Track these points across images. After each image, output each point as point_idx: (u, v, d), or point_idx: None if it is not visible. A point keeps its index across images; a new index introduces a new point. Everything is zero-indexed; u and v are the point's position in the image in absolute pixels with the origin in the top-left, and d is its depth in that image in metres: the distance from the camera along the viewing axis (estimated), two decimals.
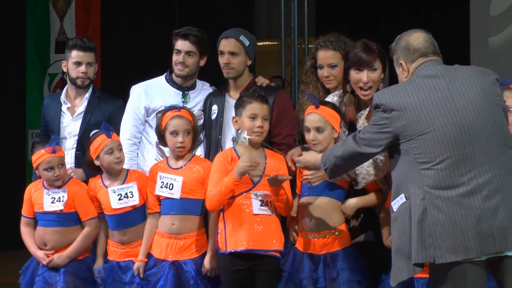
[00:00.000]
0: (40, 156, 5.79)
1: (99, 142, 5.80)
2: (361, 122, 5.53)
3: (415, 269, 4.63)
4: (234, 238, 5.50)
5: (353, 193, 5.54)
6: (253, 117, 5.58)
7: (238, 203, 5.53)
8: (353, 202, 5.48)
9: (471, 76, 4.68)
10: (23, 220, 5.98)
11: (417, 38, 4.81)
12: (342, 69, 5.81)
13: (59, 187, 5.85)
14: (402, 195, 4.69)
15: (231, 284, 5.58)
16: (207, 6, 12.31)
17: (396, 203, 4.73)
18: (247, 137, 5.50)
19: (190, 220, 5.73)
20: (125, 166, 6.01)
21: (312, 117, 5.51)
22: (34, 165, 5.81)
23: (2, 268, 10.71)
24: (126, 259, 5.81)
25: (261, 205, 5.50)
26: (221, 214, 5.61)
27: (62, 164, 5.85)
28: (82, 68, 6.46)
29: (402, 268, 4.69)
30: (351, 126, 5.65)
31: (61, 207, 5.81)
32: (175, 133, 5.74)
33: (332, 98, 5.77)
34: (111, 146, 5.80)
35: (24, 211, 5.98)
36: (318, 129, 5.48)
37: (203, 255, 5.71)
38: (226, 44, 6.20)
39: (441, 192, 4.55)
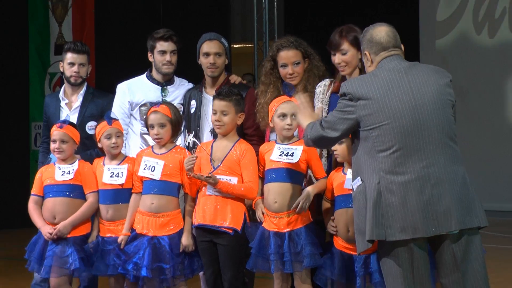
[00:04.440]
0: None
1: (100, 128, 5.84)
2: (321, 89, 5.75)
3: (368, 245, 4.63)
4: (197, 214, 5.60)
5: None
6: (214, 113, 5.61)
7: (202, 184, 5.58)
8: (309, 190, 5.43)
9: (429, 76, 4.66)
10: (32, 198, 5.89)
11: (379, 31, 4.77)
12: (303, 66, 5.90)
13: (71, 161, 5.85)
14: (359, 178, 4.68)
15: (202, 253, 5.64)
16: (188, 13, 12.30)
17: (355, 184, 4.73)
18: (193, 139, 5.82)
19: (167, 200, 5.69)
20: None
21: (289, 104, 5.47)
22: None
23: (10, 243, 10.67)
24: (108, 234, 5.78)
25: (214, 188, 5.50)
26: None
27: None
28: (75, 68, 6.49)
29: (359, 242, 4.71)
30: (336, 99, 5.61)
31: (71, 177, 5.77)
32: (151, 126, 5.75)
33: (323, 83, 5.79)
34: (109, 132, 5.80)
35: (34, 190, 5.90)
36: (293, 115, 5.43)
37: (180, 232, 5.67)
38: (211, 46, 6.16)
39: (395, 177, 4.54)
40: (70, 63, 6.50)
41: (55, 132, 5.85)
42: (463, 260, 4.60)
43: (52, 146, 5.86)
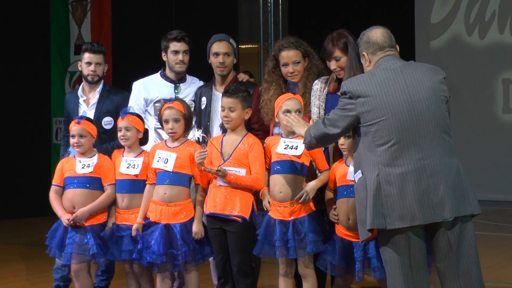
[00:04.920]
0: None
1: (117, 122, 5.90)
2: (318, 87, 5.80)
3: (368, 233, 4.66)
4: (208, 203, 5.61)
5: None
6: (222, 109, 5.63)
7: (213, 176, 5.59)
8: (313, 184, 5.44)
9: (424, 74, 4.67)
10: (52, 188, 5.90)
11: (375, 33, 4.80)
12: (303, 65, 5.91)
13: (91, 155, 5.88)
14: (360, 171, 4.70)
15: (212, 240, 5.66)
16: (199, 15, 12.29)
17: (356, 177, 4.76)
18: (202, 135, 5.78)
19: (179, 190, 5.70)
20: None
21: (293, 101, 5.48)
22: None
23: (33, 230, 10.68)
24: (123, 222, 5.80)
25: (223, 179, 5.52)
26: None
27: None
28: (92, 67, 6.51)
29: (360, 231, 4.74)
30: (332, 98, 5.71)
31: (91, 170, 5.79)
32: (166, 121, 5.75)
33: (319, 81, 5.80)
34: (120, 126, 5.85)
35: (55, 180, 5.91)
36: (298, 111, 5.46)
37: (191, 220, 5.68)
38: (220, 47, 6.17)
39: (393, 169, 4.56)
40: (87, 63, 6.53)
41: (74, 127, 5.86)
42: (457, 246, 4.62)
43: (72, 141, 5.86)
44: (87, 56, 6.53)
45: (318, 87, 5.78)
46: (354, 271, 5.25)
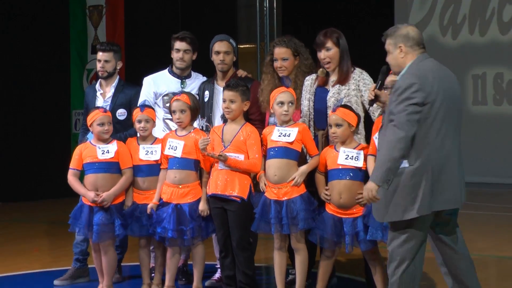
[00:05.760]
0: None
1: (134, 113, 5.91)
2: (309, 82, 5.74)
3: (399, 216, 4.45)
4: (210, 185, 5.61)
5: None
6: (224, 101, 5.64)
7: (215, 160, 5.58)
8: (304, 168, 5.44)
9: (453, 77, 4.61)
10: (71, 172, 5.87)
11: (412, 30, 4.65)
12: (292, 62, 5.90)
13: (108, 142, 5.85)
14: (406, 161, 4.43)
15: (214, 218, 5.67)
16: (203, 18, 12.27)
17: (402, 166, 4.45)
18: (206, 124, 5.79)
19: (187, 174, 5.72)
20: None
21: (286, 94, 5.49)
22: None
23: (54, 210, 10.69)
24: (143, 201, 5.83)
25: (224, 164, 5.52)
26: None
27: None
28: (101, 64, 6.49)
29: (386, 212, 4.50)
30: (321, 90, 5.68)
31: (112, 155, 5.78)
32: (174, 112, 5.78)
33: (310, 77, 5.78)
34: (140, 118, 5.86)
35: (73, 164, 5.87)
36: (291, 103, 5.46)
37: (198, 200, 5.71)
38: (221, 46, 6.16)
39: (442, 156, 4.43)
40: (98, 60, 6.52)
41: (101, 116, 5.82)
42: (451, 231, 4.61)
43: (99, 128, 5.79)
44: (98, 54, 6.52)
45: (309, 83, 5.78)
46: (342, 244, 5.28)
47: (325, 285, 5.51)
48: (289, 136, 5.43)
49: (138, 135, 5.96)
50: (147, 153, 5.85)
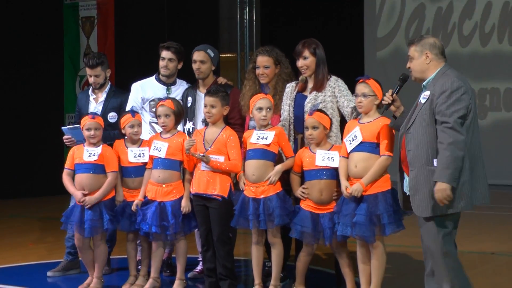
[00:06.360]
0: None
1: (126, 118, 5.83)
2: (289, 89, 5.73)
3: (442, 211, 4.40)
4: (193, 185, 5.60)
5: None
6: (205, 106, 5.62)
7: (197, 161, 5.58)
8: (278, 167, 5.43)
9: None
10: (65, 171, 5.85)
11: (438, 40, 4.62)
12: (273, 70, 5.90)
13: (97, 145, 5.79)
14: (435, 160, 4.39)
15: (197, 214, 5.66)
16: (188, 29, 12.26)
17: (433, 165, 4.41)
18: (192, 127, 5.68)
19: (171, 173, 5.70)
20: None
21: (264, 100, 5.49)
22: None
23: (48, 207, 10.63)
24: (132, 199, 5.80)
25: (206, 165, 5.51)
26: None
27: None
28: (91, 79, 6.44)
29: (426, 206, 4.45)
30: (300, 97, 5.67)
31: (96, 158, 5.73)
32: (159, 116, 5.76)
33: (291, 85, 5.78)
34: (133, 123, 5.81)
35: (67, 164, 5.86)
36: (269, 108, 5.46)
37: (180, 198, 5.69)
38: (197, 55, 6.14)
39: (475, 154, 4.41)
40: (89, 75, 6.47)
41: (89, 122, 5.77)
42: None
43: (88, 133, 5.76)
44: (87, 70, 6.46)
45: (290, 89, 5.77)
46: (321, 237, 5.27)
47: (304, 279, 5.50)
48: (266, 139, 5.42)
49: (126, 137, 5.92)
50: (135, 155, 5.81)
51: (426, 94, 4.56)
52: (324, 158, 5.30)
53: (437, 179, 4.33)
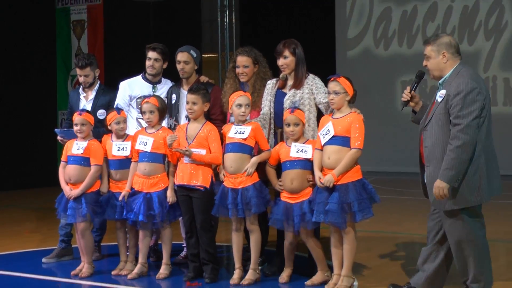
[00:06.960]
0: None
1: (112, 116, 5.78)
2: (270, 86, 5.69)
3: (461, 204, 4.38)
4: (177, 176, 5.56)
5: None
6: (187, 103, 5.56)
7: (181, 155, 5.53)
8: (254, 159, 5.39)
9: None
10: (61, 164, 5.85)
11: (453, 39, 4.53)
12: (252, 69, 5.87)
13: (86, 139, 5.77)
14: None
15: (181, 204, 5.62)
16: (172, 31, 12.20)
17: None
18: (174, 123, 5.64)
19: (156, 166, 5.65)
20: None
21: (243, 97, 5.44)
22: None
23: (43, 197, 10.56)
24: (116, 190, 5.76)
25: (188, 158, 5.47)
26: None
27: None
28: (81, 78, 6.40)
29: (445, 202, 4.40)
30: (280, 94, 5.64)
31: (82, 151, 5.71)
32: (144, 112, 5.71)
33: (272, 81, 5.75)
34: (118, 119, 5.77)
35: (62, 157, 5.86)
36: (247, 105, 5.42)
37: (165, 189, 5.65)
38: (181, 56, 6.08)
39: (490, 149, 4.34)
40: (79, 75, 6.42)
41: (77, 118, 5.76)
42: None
43: (75, 128, 5.76)
44: (77, 70, 6.42)
45: (270, 86, 5.74)
46: (293, 224, 5.24)
47: (292, 263, 5.50)
48: (243, 133, 5.39)
49: (113, 133, 5.86)
50: (119, 149, 5.77)
51: (442, 93, 4.48)
52: (298, 150, 5.29)
53: (439, 177, 4.32)
